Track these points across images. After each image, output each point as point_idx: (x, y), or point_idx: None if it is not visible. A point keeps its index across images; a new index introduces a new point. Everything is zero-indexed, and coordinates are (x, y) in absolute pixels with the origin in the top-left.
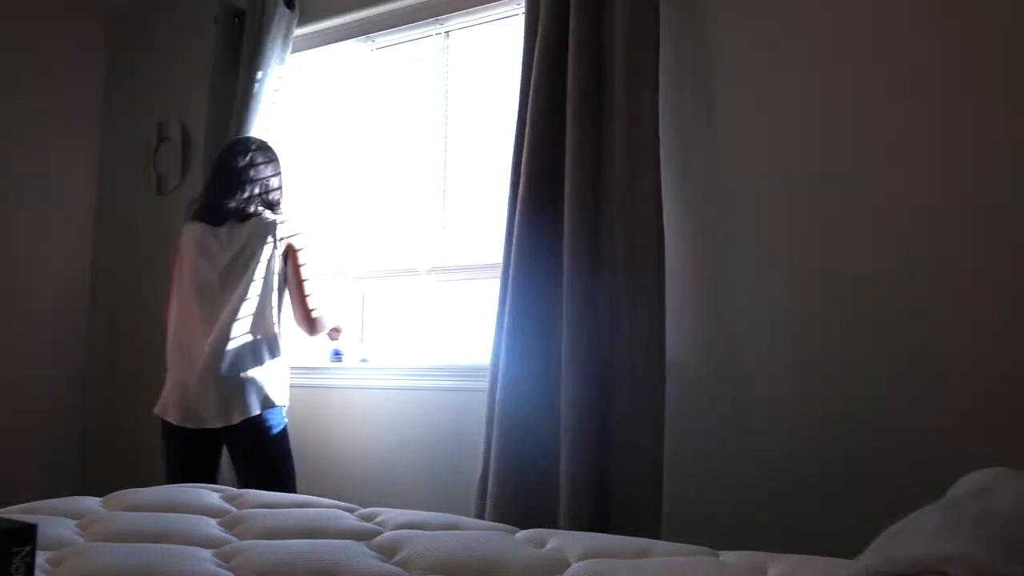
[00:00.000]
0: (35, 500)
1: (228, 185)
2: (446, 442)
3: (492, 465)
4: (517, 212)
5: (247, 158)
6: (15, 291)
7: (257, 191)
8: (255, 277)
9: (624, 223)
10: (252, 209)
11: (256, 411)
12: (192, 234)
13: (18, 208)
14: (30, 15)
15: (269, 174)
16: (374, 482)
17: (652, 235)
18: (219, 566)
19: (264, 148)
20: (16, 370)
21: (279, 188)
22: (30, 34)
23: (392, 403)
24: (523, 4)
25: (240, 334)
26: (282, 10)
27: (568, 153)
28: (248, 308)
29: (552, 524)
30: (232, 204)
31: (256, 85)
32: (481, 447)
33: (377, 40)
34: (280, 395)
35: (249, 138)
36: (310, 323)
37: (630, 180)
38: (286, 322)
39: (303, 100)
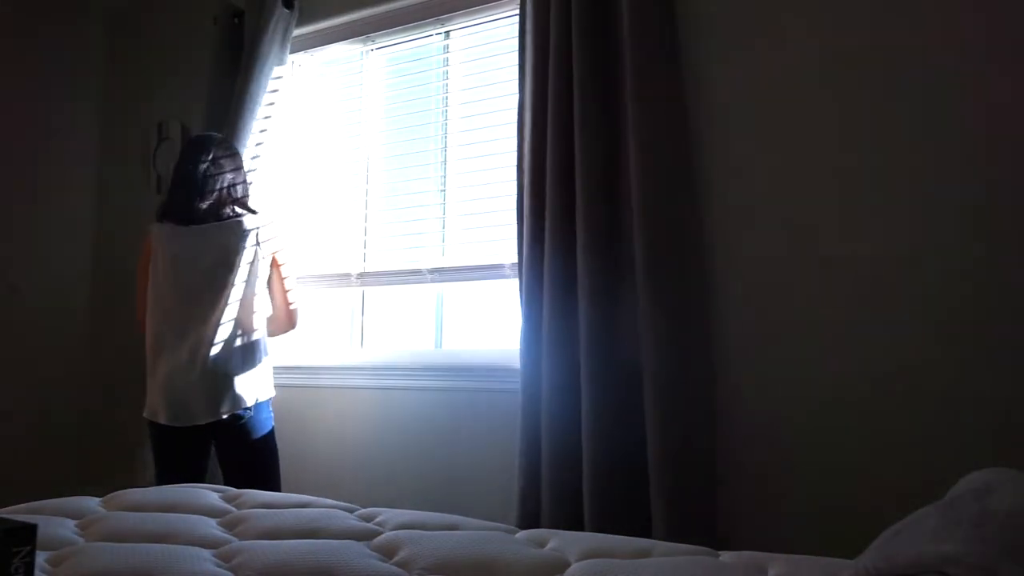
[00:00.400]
0: (35, 500)
1: (196, 185)
2: (446, 442)
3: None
4: (547, 214)
5: (210, 157)
6: (16, 290)
7: (226, 191)
8: (239, 279)
9: (647, 227)
10: (228, 211)
11: (246, 405)
12: (165, 235)
13: (18, 208)
14: (30, 15)
15: (233, 173)
16: (373, 482)
17: (679, 239)
18: (219, 566)
19: (226, 145)
20: (16, 369)
21: (245, 184)
22: (30, 34)
23: (392, 403)
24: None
25: (226, 334)
26: (280, 10)
27: (578, 154)
28: (233, 309)
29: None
30: (204, 205)
31: (254, 85)
32: (518, 448)
33: (377, 40)
34: (267, 390)
35: (210, 135)
36: (291, 322)
37: (656, 180)
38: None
39: (302, 100)
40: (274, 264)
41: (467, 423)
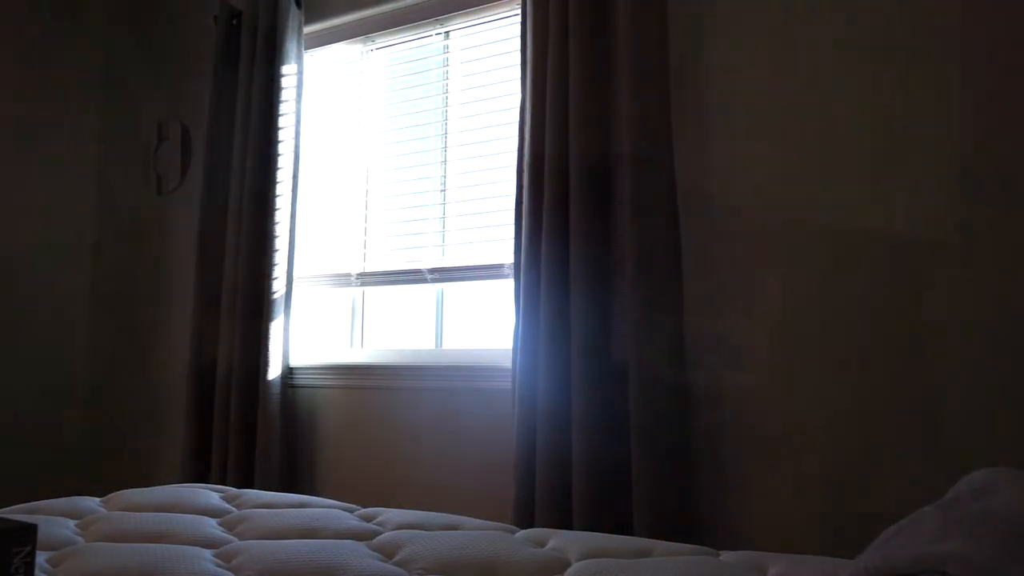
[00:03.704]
0: (35, 500)
1: None
2: (446, 441)
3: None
4: (545, 214)
5: None
6: (16, 290)
7: None
8: None
9: (635, 226)
10: None
11: None
12: None
13: (18, 208)
14: (30, 15)
15: None
16: (374, 482)
17: (666, 239)
18: (219, 566)
19: None
20: (16, 369)
21: None
22: (30, 34)
23: (392, 403)
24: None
25: None
26: (294, 9)
27: (572, 157)
28: None
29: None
30: None
31: (275, 83)
32: (514, 444)
33: (377, 40)
34: None
35: None
36: None
37: (642, 178)
38: None
39: (303, 100)
40: None
41: (466, 422)
